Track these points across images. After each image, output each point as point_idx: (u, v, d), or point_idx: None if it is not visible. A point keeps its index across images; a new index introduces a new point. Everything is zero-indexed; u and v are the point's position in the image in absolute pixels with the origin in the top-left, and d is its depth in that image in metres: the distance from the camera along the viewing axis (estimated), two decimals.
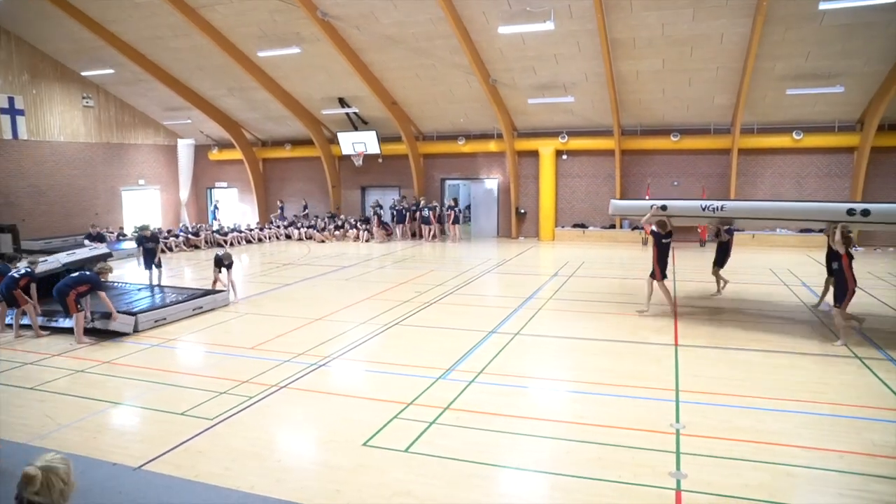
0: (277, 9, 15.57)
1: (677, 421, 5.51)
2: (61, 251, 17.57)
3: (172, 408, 5.98)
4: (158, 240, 14.02)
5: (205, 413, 5.82)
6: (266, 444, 5.22)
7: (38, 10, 17.12)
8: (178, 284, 12.81)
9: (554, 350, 8.02)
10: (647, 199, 18.90)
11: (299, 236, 22.08)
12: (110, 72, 20.17)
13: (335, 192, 23.67)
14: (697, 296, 11.17)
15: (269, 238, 22.05)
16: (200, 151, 25.41)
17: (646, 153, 19.57)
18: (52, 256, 11.73)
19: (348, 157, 22.30)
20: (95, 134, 21.92)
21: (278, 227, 22.69)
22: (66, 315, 8.81)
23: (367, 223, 21.80)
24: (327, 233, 21.68)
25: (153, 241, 13.09)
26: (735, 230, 11.08)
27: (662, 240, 9.53)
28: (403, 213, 21.60)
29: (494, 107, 18.59)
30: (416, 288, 12.17)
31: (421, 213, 21.31)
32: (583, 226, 20.57)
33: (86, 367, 7.47)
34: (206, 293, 10.84)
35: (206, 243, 20.36)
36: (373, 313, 10.00)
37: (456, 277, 13.51)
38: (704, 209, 8.93)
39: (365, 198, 24.04)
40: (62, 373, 7.24)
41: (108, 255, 13.09)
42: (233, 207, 25.70)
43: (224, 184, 26.00)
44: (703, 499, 4.17)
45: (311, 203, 24.16)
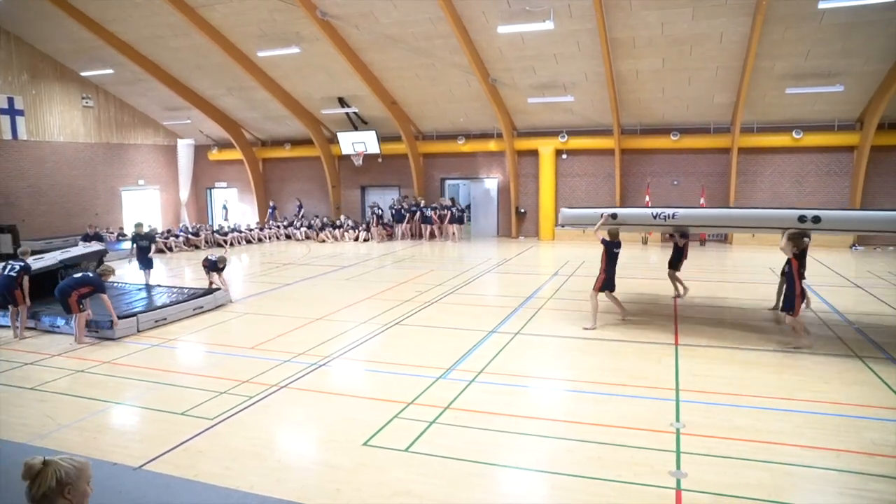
0: (277, 8, 15.57)
1: (677, 420, 5.52)
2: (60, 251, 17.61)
3: (172, 408, 5.98)
4: (153, 239, 13.89)
5: (205, 413, 5.83)
6: (266, 443, 5.22)
7: (38, 10, 17.11)
8: (178, 284, 12.80)
9: (554, 349, 8.02)
10: (646, 198, 19.04)
11: (299, 236, 22.10)
12: (110, 72, 20.16)
13: (335, 192, 23.67)
14: (697, 296, 11.17)
15: (268, 238, 22.05)
16: (200, 151, 25.40)
17: (645, 152, 19.57)
18: (49, 254, 11.72)
19: (348, 156, 22.30)
20: (95, 134, 21.92)
21: (278, 227, 22.69)
22: (67, 314, 8.79)
23: (366, 224, 21.80)
24: (326, 233, 21.68)
25: (147, 239, 13.04)
26: (689, 234, 10.90)
27: (613, 249, 9.05)
28: (403, 213, 21.60)
29: (494, 106, 18.59)
30: (417, 287, 12.17)
31: (422, 213, 21.31)
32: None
33: (86, 367, 7.47)
34: (206, 293, 10.84)
35: (206, 243, 20.36)
36: (373, 313, 10.01)
37: (456, 277, 13.51)
38: (656, 217, 8.59)
39: (365, 197, 24.04)
40: (62, 373, 7.24)
41: (104, 253, 13.09)
42: (233, 207, 25.69)
43: (224, 184, 26.00)
44: (703, 498, 4.18)
45: (310, 203, 24.15)
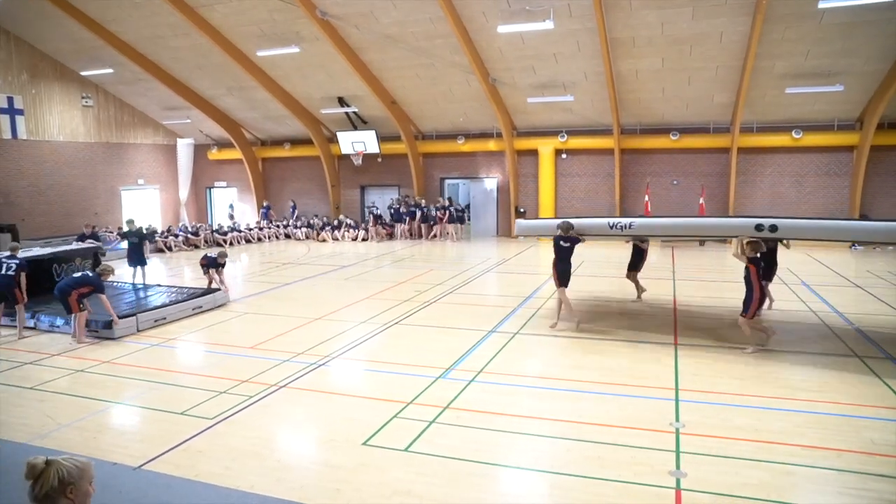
0: (277, 8, 15.56)
1: (677, 420, 5.52)
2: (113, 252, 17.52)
3: (172, 407, 5.98)
4: (143, 236, 13.78)
5: (205, 413, 5.83)
6: (266, 443, 5.22)
7: (38, 10, 17.10)
8: (177, 284, 12.80)
9: (553, 349, 8.02)
10: (646, 197, 19.04)
11: (299, 236, 22.09)
12: (110, 71, 20.15)
13: (335, 192, 23.66)
14: (697, 295, 11.18)
15: (268, 238, 22.05)
16: (200, 151, 25.39)
17: (645, 152, 19.57)
18: (43, 250, 11.76)
19: (348, 156, 22.29)
20: (95, 133, 21.91)
21: (278, 226, 22.69)
22: (67, 313, 8.77)
23: (365, 224, 21.82)
24: (326, 233, 21.67)
25: (136, 236, 12.97)
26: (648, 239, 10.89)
27: (560, 242, 8.79)
28: (401, 214, 21.62)
29: (494, 106, 18.59)
30: (416, 287, 12.17)
31: (424, 213, 21.35)
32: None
33: (86, 366, 7.47)
34: (205, 292, 10.85)
35: (206, 243, 20.36)
36: (372, 313, 10.01)
37: (455, 277, 13.51)
38: (612, 227, 8.53)
39: (364, 197, 24.04)
40: (62, 373, 7.24)
41: (99, 250, 13.08)
42: (238, 207, 25.67)
43: (223, 183, 26.00)
44: (703, 498, 4.18)
45: (310, 202, 24.16)
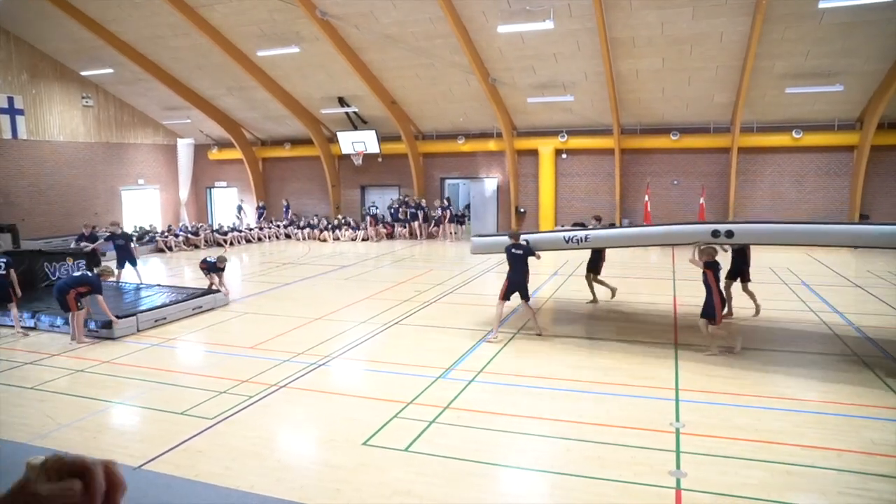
0: (277, 8, 15.56)
1: (677, 420, 5.52)
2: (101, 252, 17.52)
3: (172, 407, 5.98)
4: (130, 237, 13.80)
5: (205, 413, 5.83)
6: (266, 443, 5.23)
7: (38, 10, 17.10)
8: (177, 284, 12.80)
9: (553, 349, 8.02)
10: (646, 197, 19.03)
11: (301, 236, 22.11)
12: (110, 71, 20.15)
13: (335, 192, 23.66)
14: (697, 295, 11.16)
15: (268, 238, 22.05)
16: (200, 151, 25.39)
17: (645, 152, 19.57)
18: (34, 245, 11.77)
19: (348, 156, 22.30)
20: (95, 133, 21.91)
21: (278, 226, 22.70)
22: (65, 312, 8.75)
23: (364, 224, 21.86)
24: (326, 233, 21.68)
25: (123, 238, 12.99)
26: None
27: (511, 250, 8.57)
28: (401, 217, 21.69)
29: (494, 106, 18.58)
30: (416, 287, 12.17)
31: (425, 213, 21.42)
32: (582, 225, 20.52)
33: (86, 366, 7.47)
34: (205, 292, 10.85)
35: (206, 243, 20.37)
36: (372, 313, 10.01)
37: (455, 277, 13.51)
38: (568, 241, 8.28)
39: (365, 197, 24.04)
40: (62, 373, 7.24)
41: (96, 250, 13.06)
42: (231, 207, 25.67)
43: (223, 183, 26.00)
44: (703, 497, 4.18)
45: (310, 202, 24.16)
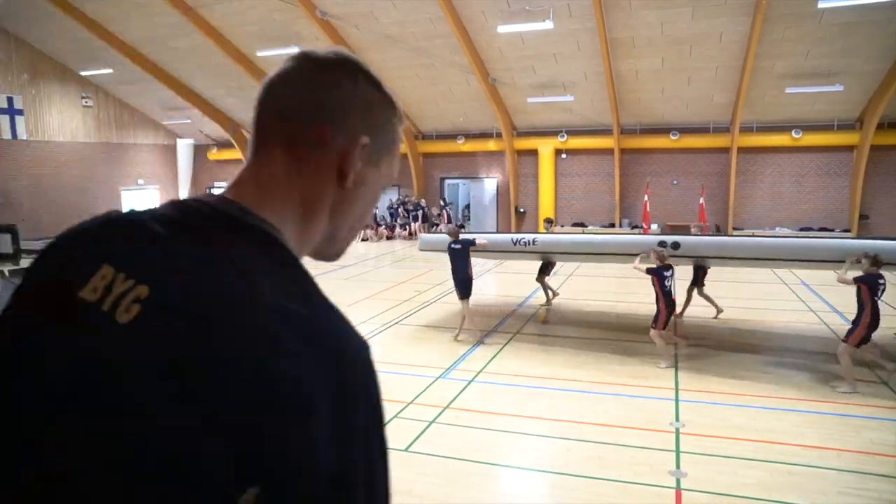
0: (277, 8, 15.56)
1: (677, 420, 5.52)
2: None
3: None
4: None
5: None
6: None
7: (38, 10, 17.09)
8: None
9: (553, 349, 8.02)
10: (645, 197, 19.01)
11: None
12: (109, 71, 20.16)
13: None
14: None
15: None
16: (200, 151, 25.41)
17: (645, 152, 19.57)
18: None
19: None
20: (95, 134, 21.92)
21: None
22: None
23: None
24: None
25: None
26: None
27: (452, 245, 8.44)
28: (399, 220, 21.76)
29: (494, 106, 18.59)
30: (416, 287, 12.17)
31: (425, 214, 21.45)
32: (582, 225, 20.58)
33: None
34: None
35: None
36: (372, 312, 10.01)
37: None
38: (516, 243, 8.33)
39: None
40: None
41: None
42: None
43: (223, 184, 25.94)
44: (703, 497, 4.18)
45: None
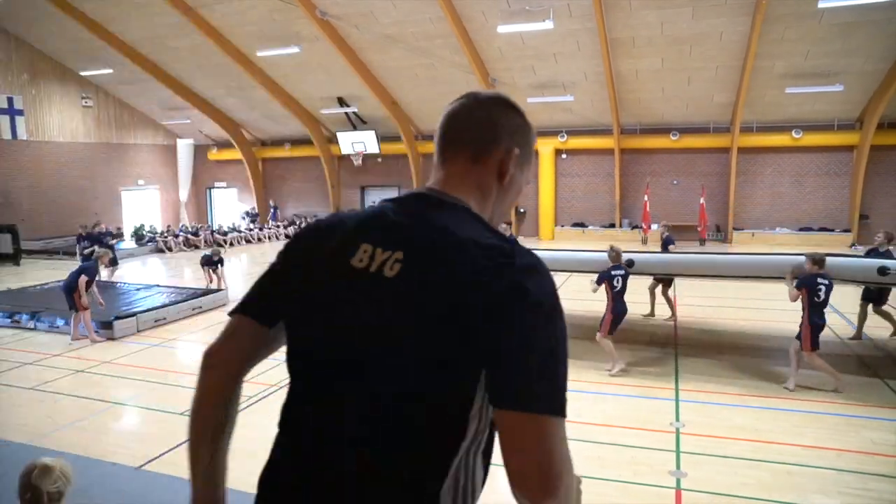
0: (277, 8, 15.56)
1: (677, 420, 5.52)
2: (60, 252, 17.61)
3: (172, 408, 5.98)
4: (100, 241, 13.37)
5: None
6: (266, 443, 5.17)
7: (38, 10, 17.09)
8: (177, 284, 12.80)
9: None
10: (645, 197, 19.01)
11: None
12: (109, 71, 20.15)
13: (335, 192, 23.67)
14: (696, 295, 11.17)
15: (268, 238, 22.06)
16: (200, 151, 25.39)
17: (645, 152, 19.57)
18: None
19: (348, 156, 22.30)
20: (95, 134, 21.91)
21: (278, 226, 22.72)
22: (75, 312, 8.66)
23: None
24: None
25: (90, 240, 12.69)
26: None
27: None
28: None
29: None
30: None
31: None
32: (582, 225, 20.58)
33: (86, 367, 7.47)
34: (205, 292, 10.85)
35: (206, 243, 20.35)
36: None
37: None
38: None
39: (364, 198, 24.05)
40: (62, 373, 7.24)
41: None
42: (231, 207, 25.69)
43: (223, 183, 26.00)
44: (703, 497, 4.18)
45: (310, 203, 24.19)
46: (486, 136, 1.26)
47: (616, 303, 6.89)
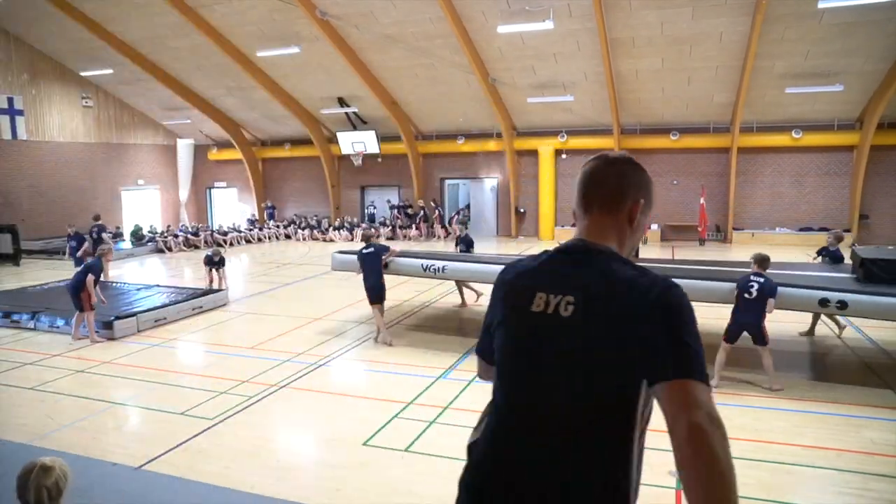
0: (276, 8, 15.56)
1: None
2: (61, 251, 17.60)
3: (172, 408, 5.98)
4: (83, 239, 13.69)
5: (205, 413, 5.83)
6: (266, 443, 5.23)
7: (38, 10, 17.10)
8: (177, 284, 12.80)
9: None
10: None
11: (301, 237, 22.14)
12: (109, 72, 20.15)
13: (335, 192, 23.67)
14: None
15: (268, 238, 22.06)
16: (200, 151, 25.39)
17: (645, 152, 19.52)
18: None
19: (348, 156, 22.30)
20: (95, 134, 21.91)
21: (278, 226, 22.73)
22: (81, 312, 8.65)
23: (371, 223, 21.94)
24: (335, 233, 21.72)
25: (74, 239, 12.84)
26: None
27: (363, 251, 8.64)
28: (398, 221, 21.80)
29: (494, 106, 18.58)
30: (416, 287, 12.16)
31: (426, 215, 21.46)
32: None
33: (86, 367, 7.47)
34: (205, 293, 10.85)
35: (206, 243, 20.35)
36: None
37: None
38: (426, 269, 8.36)
39: (364, 198, 24.05)
40: (62, 373, 7.24)
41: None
42: (231, 207, 25.70)
43: (223, 184, 26.00)
44: None
45: (310, 203, 24.19)
46: (618, 192, 1.64)
47: None
